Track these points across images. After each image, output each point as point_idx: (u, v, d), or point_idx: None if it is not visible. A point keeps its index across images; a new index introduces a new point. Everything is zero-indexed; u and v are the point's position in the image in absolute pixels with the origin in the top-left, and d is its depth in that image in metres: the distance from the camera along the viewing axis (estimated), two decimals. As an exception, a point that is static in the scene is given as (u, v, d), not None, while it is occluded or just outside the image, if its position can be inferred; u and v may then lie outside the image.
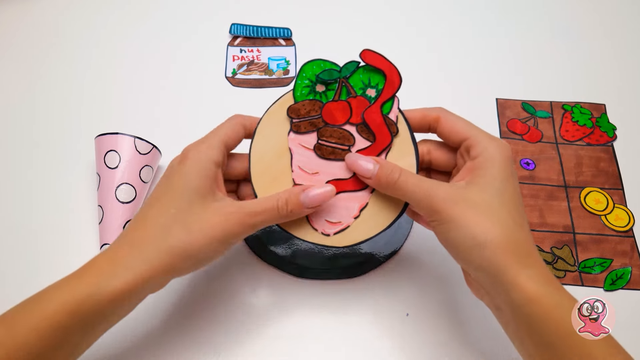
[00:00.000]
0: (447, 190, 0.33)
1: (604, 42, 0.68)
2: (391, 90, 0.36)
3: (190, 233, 0.33)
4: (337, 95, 0.36)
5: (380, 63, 0.36)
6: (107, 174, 0.50)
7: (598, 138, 0.59)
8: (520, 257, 0.31)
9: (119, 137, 0.50)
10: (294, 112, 0.37)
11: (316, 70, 0.37)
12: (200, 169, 0.35)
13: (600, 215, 0.54)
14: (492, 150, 0.34)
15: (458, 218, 0.32)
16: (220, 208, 0.34)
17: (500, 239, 0.31)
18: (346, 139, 0.36)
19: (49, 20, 0.68)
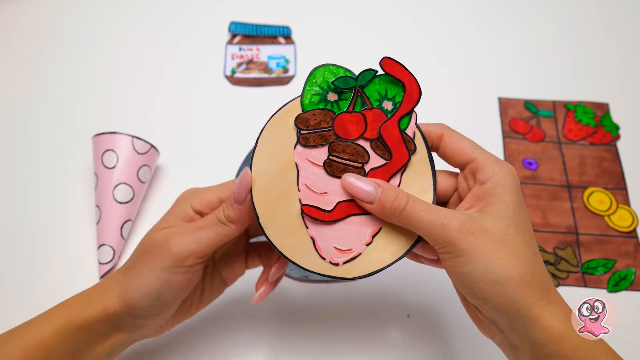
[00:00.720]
0: (462, 219, 0.30)
1: (607, 41, 0.68)
2: (410, 104, 0.33)
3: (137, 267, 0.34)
4: (351, 106, 0.33)
5: (400, 74, 0.33)
6: (104, 174, 0.50)
7: (601, 137, 0.59)
8: (543, 292, 0.29)
9: (116, 137, 0.50)
10: (303, 122, 0.33)
11: (328, 77, 0.33)
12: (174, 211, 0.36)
13: (603, 215, 0.54)
14: (502, 175, 0.31)
15: (475, 251, 0.29)
16: (160, 235, 0.34)
17: (521, 274, 0.29)
18: (360, 155, 0.33)
19: (45, 18, 0.68)
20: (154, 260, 0.33)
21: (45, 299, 0.48)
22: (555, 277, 0.50)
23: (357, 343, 0.46)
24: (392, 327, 0.46)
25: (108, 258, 0.48)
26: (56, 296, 0.48)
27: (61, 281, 0.49)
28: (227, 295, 0.47)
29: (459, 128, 0.60)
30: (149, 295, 0.33)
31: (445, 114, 0.61)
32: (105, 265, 0.48)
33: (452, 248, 0.30)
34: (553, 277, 0.50)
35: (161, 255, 0.33)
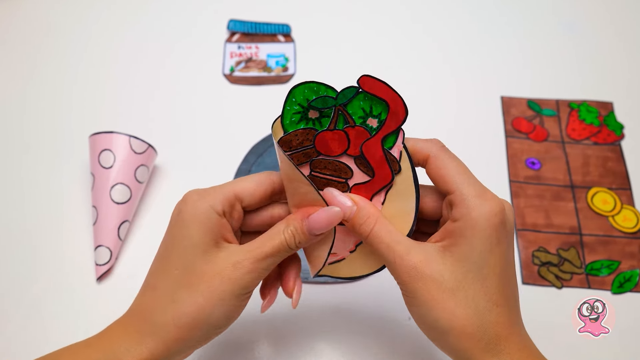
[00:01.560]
0: (418, 258, 0.30)
1: (612, 39, 0.68)
2: (396, 122, 0.32)
3: (197, 294, 0.30)
4: (332, 124, 0.33)
5: (381, 92, 0.32)
6: (101, 174, 0.50)
7: (605, 137, 0.59)
8: (489, 344, 0.29)
9: (113, 136, 0.50)
10: (286, 144, 0.33)
11: (308, 95, 0.32)
12: (200, 221, 0.31)
13: (607, 216, 0.54)
14: (476, 215, 0.29)
15: (421, 295, 0.30)
16: (225, 259, 0.31)
17: (463, 325, 0.29)
18: (342, 171, 0.33)
19: (40, 16, 0.68)
20: (224, 289, 0.31)
21: (41, 301, 0.48)
22: (558, 279, 0.50)
23: (356, 345, 0.46)
24: (392, 330, 0.46)
25: (105, 259, 0.49)
26: (52, 298, 0.48)
27: (57, 282, 0.49)
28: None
29: (461, 127, 0.60)
30: (219, 323, 0.31)
31: (447, 113, 0.61)
32: (102, 267, 0.48)
33: (401, 286, 0.31)
34: (556, 279, 0.50)
35: (233, 284, 0.31)
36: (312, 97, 0.32)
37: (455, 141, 0.59)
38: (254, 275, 0.31)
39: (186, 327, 0.30)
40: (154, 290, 0.32)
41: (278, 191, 0.35)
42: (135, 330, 0.31)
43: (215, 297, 0.30)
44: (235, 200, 0.33)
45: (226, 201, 0.33)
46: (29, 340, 0.46)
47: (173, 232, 0.32)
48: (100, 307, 0.47)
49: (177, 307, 0.30)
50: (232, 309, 0.31)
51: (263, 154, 0.57)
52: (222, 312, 0.31)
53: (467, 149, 0.58)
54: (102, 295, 0.48)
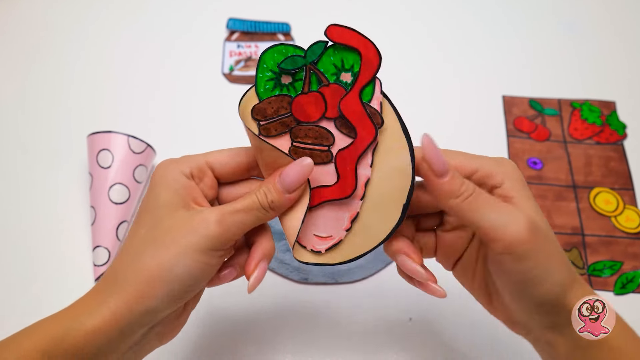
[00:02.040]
0: (528, 216, 0.29)
1: (614, 37, 0.68)
2: (370, 71, 0.30)
3: (161, 247, 0.29)
4: (306, 87, 0.31)
5: (351, 39, 0.30)
6: (99, 174, 0.50)
7: (608, 136, 0.59)
8: (579, 284, 0.31)
9: (112, 136, 0.50)
10: (260, 114, 0.32)
11: (277, 58, 0.31)
12: (167, 183, 0.31)
13: (610, 216, 0.54)
14: (513, 173, 0.31)
15: (540, 255, 0.29)
16: (194, 215, 0.30)
17: (570, 273, 0.30)
18: (324, 137, 0.32)
19: (38, 14, 0.68)
20: (188, 241, 0.29)
21: (39, 302, 0.48)
22: (560, 280, 0.50)
23: (358, 347, 0.46)
24: (393, 331, 0.46)
25: (103, 260, 0.49)
26: (50, 299, 0.48)
27: (55, 283, 0.49)
28: (227, 302, 0.48)
29: (462, 127, 0.60)
30: (183, 281, 0.29)
31: (448, 113, 0.61)
32: (100, 267, 0.48)
33: (519, 248, 0.28)
34: (558, 280, 0.50)
35: (199, 236, 0.29)
36: (282, 59, 0.31)
37: (457, 141, 0.59)
38: (222, 229, 0.30)
39: (145, 282, 0.29)
40: (122, 252, 0.31)
41: (254, 166, 0.33)
42: (99, 292, 0.30)
43: (178, 250, 0.29)
44: (206, 167, 0.33)
45: (195, 166, 0.32)
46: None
47: (145, 197, 0.32)
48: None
49: (138, 263, 0.29)
50: (197, 265, 0.30)
51: (262, 154, 0.57)
52: (185, 267, 0.29)
53: (469, 148, 0.58)
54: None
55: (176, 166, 0.32)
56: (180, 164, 0.32)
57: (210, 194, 0.33)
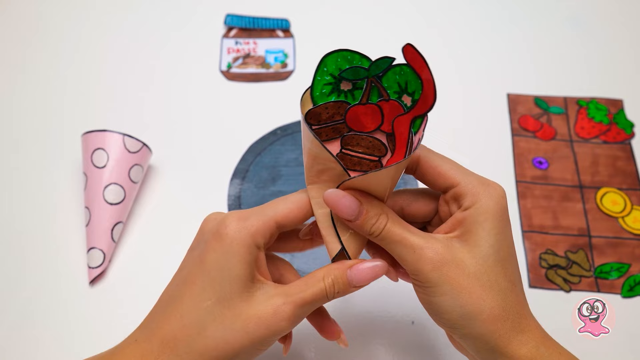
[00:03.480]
0: (436, 249, 0.30)
1: (622, 33, 0.68)
2: (424, 107, 0.30)
3: (230, 332, 0.30)
4: (365, 98, 0.32)
5: (420, 69, 0.29)
6: (94, 174, 0.50)
7: (615, 135, 0.59)
8: (514, 323, 0.31)
9: (107, 135, 0.50)
10: (314, 118, 0.32)
11: (341, 64, 0.31)
12: (242, 253, 0.31)
13: (617, 217, 0.54)
14: (486, 200, 0.31)
15: (445, 283, 0.30)
16: (264, 301, 0.31)
17: (491, 307, 0.30)
18: (377, 148, 0.32)
19: (31, 10, 0.68)
20: (260, 335, 0.30)
21: (31, 305, 0.48)
22: (567, 282, 0.50)
23: (358, 351, 0.46)
24: (396, 334, 0.46)
25: (98, 262, 0.49)
26: (43, 302, 0.48)
27: (49, 286, 0.49)
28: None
29: (466, 125, 0.60)
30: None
31: (452, 111, 0.61)
32: (94, 270, 0.48)
33: (422, 277, 0.31)
34: (565, 282, 0.50)
35: (271, 332, 0.31)
36: (345, 66, 0.31)
37: (461, 140, 0.59)
38: (290, 323, 0.31)
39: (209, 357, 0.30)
40: (181, 318, 0.31)
41: (311, 212, 0.34)
42: (154, 357, 0.30)
43: (248, 341, 0.30)
44: (275, 229, 0.33)
45: (268, 231, 0.32)
46: (19, 344, 0.46)
47: (207, 259, 0.31)
48: (93, 311, 0.47)
49: (207, 342, 0.30)
50: (258, 353, 0.32)
51: (261, 153, 0.57)
52: (248, 355, 0.31)
53: (473, 148, 0.58)
54: (94, 299, 0.48)
55: (249, 230, 0.31)
56: (253, 228, 0.31)
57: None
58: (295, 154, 0.57)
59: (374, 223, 0.31)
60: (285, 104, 0.61)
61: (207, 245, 0.31)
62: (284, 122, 0.59)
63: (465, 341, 0.32)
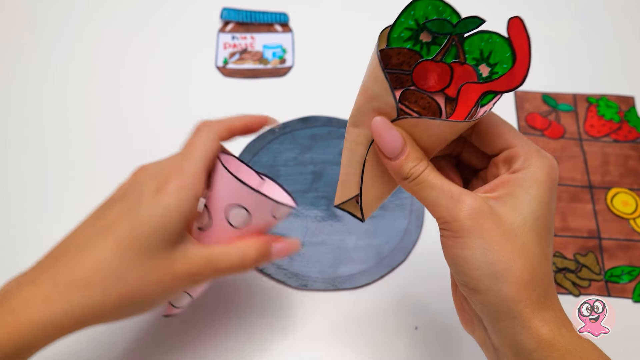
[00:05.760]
0: (475, 198, 0.30)
1: (633, 28, 0.68)
2: (507, 84, 0.30)
3: (146, 283, 0.33)
4: (440, 55, 0.31)
5: (520, 45, 0.29)
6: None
7: (626, 134, 0.59)
8: (540, 296, 0.30)
9: (255, 196, 0.35)
10: (384, 59, 0.31)
11: (430, 13, 0.30)
12: (182, 212, 0.34)
13: (628, 218, 0.54)
14: (537, 168, 0.31)
15: (478, 235, 0.29)
16: (182, 258, 0.34)
17: (522, 272, 0.29)
18: (432, 111, 0.32)
19: (21, 4, 0.68)
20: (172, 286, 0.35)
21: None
22: (576, 286, 0.50)
23: (360, 357, 0.46)
24: (399, 339, 0.46)
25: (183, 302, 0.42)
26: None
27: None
28: (224, 308, 0.48)
29: (471, 123, 0.60)
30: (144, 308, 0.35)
31: (456, 109, 0.61)
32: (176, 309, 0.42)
33: (455, 225, 0.30)
34: (574, 286, 0.50)
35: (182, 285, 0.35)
36: (433, 16, 0.31)
37: (465, 138, 0.59)
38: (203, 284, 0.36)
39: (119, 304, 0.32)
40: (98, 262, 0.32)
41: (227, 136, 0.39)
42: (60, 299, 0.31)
43: (161, 292, 0.34)
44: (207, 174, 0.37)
45: (204, 182, 0.36)
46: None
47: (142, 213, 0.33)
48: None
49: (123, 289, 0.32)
50: (164, 301, 0.36)
51: (259, 153, 0.57)
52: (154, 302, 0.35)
53: (478, 146, 0.58)
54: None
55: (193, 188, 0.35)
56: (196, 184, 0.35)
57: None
58: (294, 153, 0.57)
59: (413, 166, 0.31)
60: (284, 101, 0.61)
61: (143, 201, 0.34)
62: (282, 120, 0.59)
63: (485, 308, 0.31)
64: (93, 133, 0.58)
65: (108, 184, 0.55)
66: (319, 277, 0.49)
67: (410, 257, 0.51)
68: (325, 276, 0.49)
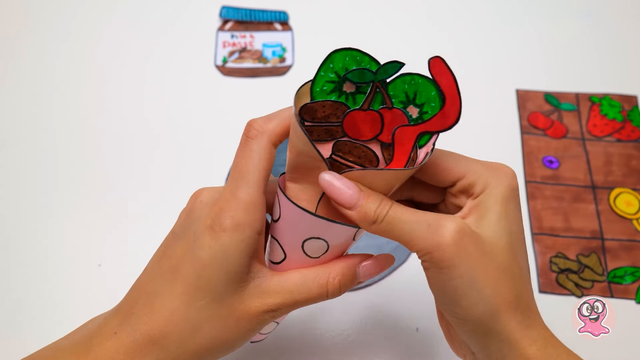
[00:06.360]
0: (454, 220, 0.29)
1: (636, 27, 0.68)
2: (441, 125, 0.29)
3: (224, 330, 0.31)
4: (366, 104, 0.31)
5: (446, 85, 0.29)
6: None
7: (629, 133, 0.59)
8: (524, 315, 0.30)
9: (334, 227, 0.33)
10: (309, 113, 0.32)
11: (349, 64, 0.31)
12: (243, 251, 0.31)
13: (631, 219, 0.54)
14: (496, 185, 0.31)
15: (463, 262, 0.29)
16: (256, 296, 0.32)
17: (506, 292, 0.29)
18: (368, 159, 0.32)
19: (19, 3, 0.68)
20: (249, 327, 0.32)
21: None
22: (578, 287, 0.50)
23: (361, 358, 0.46)
24: (400, 341, 0.46)
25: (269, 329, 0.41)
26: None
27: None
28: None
29: (473, 123, 0.60)
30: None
31: (457, 108, 0.61)
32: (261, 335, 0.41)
33: (437, 255, 0.29)
34: (576, 287, 0.50)
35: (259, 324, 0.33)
36: (353, 67, 0.31)
37: (467, 138, 0.59)
38: (280, 319, 0.33)
39: (205, 353, 0.31)
40: (171, 315, 0.31)
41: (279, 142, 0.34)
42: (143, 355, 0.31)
43: (240, 335, 0.32)
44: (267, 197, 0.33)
45: (264, 212, 0.32)
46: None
47: (202, 255, 0.31)
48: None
49: (202, 341, 0.31)
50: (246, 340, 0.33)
51: (258, 152, 0.57)
52: (240, 344, 0.33)
53: (480, 146, 0.58)
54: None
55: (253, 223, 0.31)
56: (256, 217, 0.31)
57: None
58: (294, 153, 0.57)
59: (377, 206, 0.29)
60: (284, 100, 0.61)
61: (200, 240, 0.31)
62: (282, 120, 0.59)
63: (474, 334, 0.31)
64: (92, 132, 0.58)
65: (107, 183, 0.55)
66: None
67: (411, 257, 0.51)
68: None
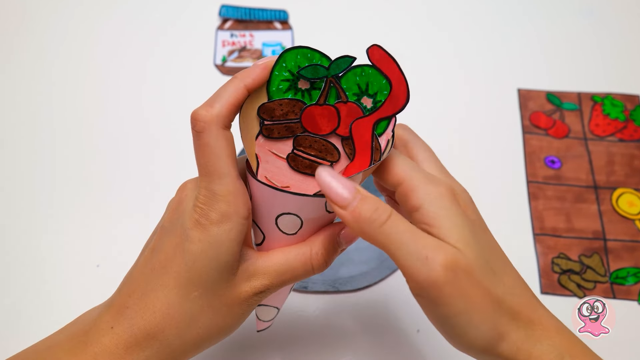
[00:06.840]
0: (449, 253, 0.27)
1: (639, 25, 0.68)
2: (393, 107, 0.31)
3: (219, 317, 0.32)
4: (322, 98, 0.32)
5: (389, 70, 0.30)
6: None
7: (632, 133, 0.59)
8: (527, 331, 0.29)
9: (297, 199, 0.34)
10: (267, 113, 0.32)
11: (300, 62, 0.32)
12: (233, 237, 0.31)
13: (634, 219, 0.54)
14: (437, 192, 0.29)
15: (459, 299, 0.27)
16: (245, 280, 0.32)
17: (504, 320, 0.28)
18: (329, 152, 0.33)
19: (16, 2, 0.68)
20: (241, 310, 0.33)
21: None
22: (580, 288, 0.50)
23: (363, 358, 0.46)
24: (400, 342, 0.46)
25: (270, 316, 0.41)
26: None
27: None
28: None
29: (474, 123, 0.60)
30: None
31: (458, 108, 0.61)
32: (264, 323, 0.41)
33: (433, 292, 0.27)
34: (578, 288, 0.50)
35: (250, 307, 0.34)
36: (304, 64, 0.32)
37: (468, 138, 0.59)
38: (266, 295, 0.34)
39: (202, 342, 0.33)
40: (167, 309, 0.31)
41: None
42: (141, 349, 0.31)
43: (234, 320, 0.33)
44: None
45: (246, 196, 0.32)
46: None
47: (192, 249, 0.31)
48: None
49: (199, 331, 0.32)
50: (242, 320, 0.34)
51: (258, 152, 0.57)
52: (235, 328, 0.34)
53: (481, 146, 0.58)
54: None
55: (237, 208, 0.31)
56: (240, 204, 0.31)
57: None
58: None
59: (372, 212, 0.28)
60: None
61: (190, 235, 0.31)
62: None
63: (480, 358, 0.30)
64: (90, 131, 0.58)
65: (106, 183, 0.55)
66: (319, 278, 0.49)
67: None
68: (326, 278, 0.49)
